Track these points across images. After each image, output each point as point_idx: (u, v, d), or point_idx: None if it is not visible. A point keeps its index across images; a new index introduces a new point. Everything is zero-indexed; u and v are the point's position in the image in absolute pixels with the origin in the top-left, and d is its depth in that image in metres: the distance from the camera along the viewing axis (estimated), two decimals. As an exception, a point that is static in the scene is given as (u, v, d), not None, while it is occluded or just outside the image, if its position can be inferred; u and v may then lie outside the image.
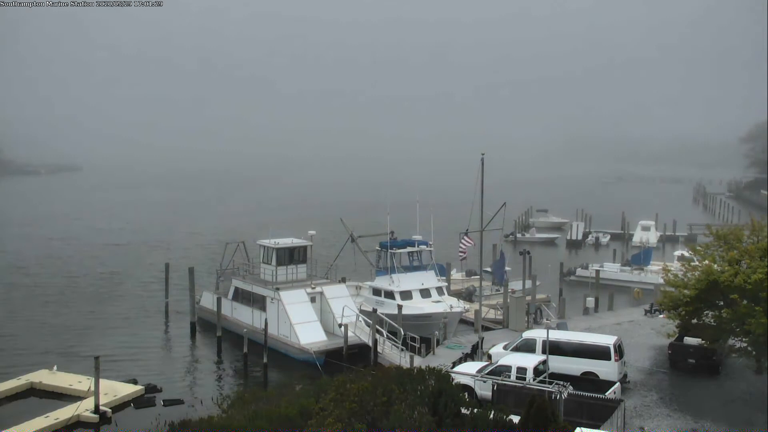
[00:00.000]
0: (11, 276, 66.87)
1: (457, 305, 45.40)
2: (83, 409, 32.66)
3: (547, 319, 46.72)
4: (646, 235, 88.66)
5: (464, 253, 45.77)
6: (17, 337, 46.96)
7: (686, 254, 46.01)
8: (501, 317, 48.13)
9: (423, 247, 49.49)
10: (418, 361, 35.48)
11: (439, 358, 37.63)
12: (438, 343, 40.48)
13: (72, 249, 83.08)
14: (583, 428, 22.68)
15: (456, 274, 60.19)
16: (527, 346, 34.07)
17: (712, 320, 32.54)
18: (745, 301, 29.93)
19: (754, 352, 30.37)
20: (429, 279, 47.86)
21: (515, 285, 50.90)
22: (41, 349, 44.29)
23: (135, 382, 37.18)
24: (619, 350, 33.27)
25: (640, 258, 65.95)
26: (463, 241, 45.06)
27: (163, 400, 35.38)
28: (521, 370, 30.49)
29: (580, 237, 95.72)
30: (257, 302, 46.31)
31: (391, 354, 39.91)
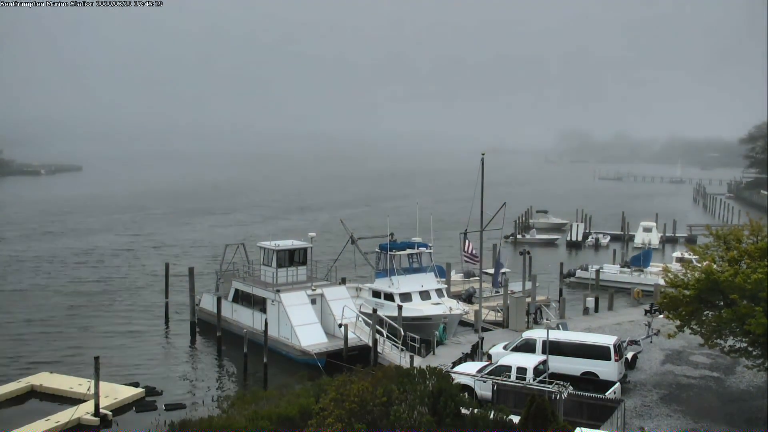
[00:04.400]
0: (11, 277, 66.87)
1: (457, 307, 45.43)
2: (83, 411, 32.62)
3: (547, 320, 46.73)
4: (648, 236, 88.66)
5: (473, 259, 46.22)
6: (17, 340, 46.91)
7: (685, 255, 45.95)
8: (500, 319, 48.14)
9: (423, 249, 49.48)
10: (418, 361, 35.52)
11: (439, 358, 37.67)
12: (437, 344, 40.54)
13: (71, 250, 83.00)
14: (583, 428, 22.68)
15: (455, 276, 60.18)
16: (527, 347, 34.13)
17: (711, 320, 32.52)
18: (745, 301, 29.91)
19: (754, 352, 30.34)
20: (429, 281, 47.88)
21: (515, 286, 50.88)
22: (41, 351, 44.27)
23: (136, 385, 37.12)
24: (619, 350, 33.33)
25: (640, 259, 65.92)
26: (470, 253, 45.24)
27: (164, 405, 35.22)
28: (521, 370, 30.54)
29: (580, 238, 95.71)
30: (257, 304, 46.29)
31: (391, 354, 39.95)
